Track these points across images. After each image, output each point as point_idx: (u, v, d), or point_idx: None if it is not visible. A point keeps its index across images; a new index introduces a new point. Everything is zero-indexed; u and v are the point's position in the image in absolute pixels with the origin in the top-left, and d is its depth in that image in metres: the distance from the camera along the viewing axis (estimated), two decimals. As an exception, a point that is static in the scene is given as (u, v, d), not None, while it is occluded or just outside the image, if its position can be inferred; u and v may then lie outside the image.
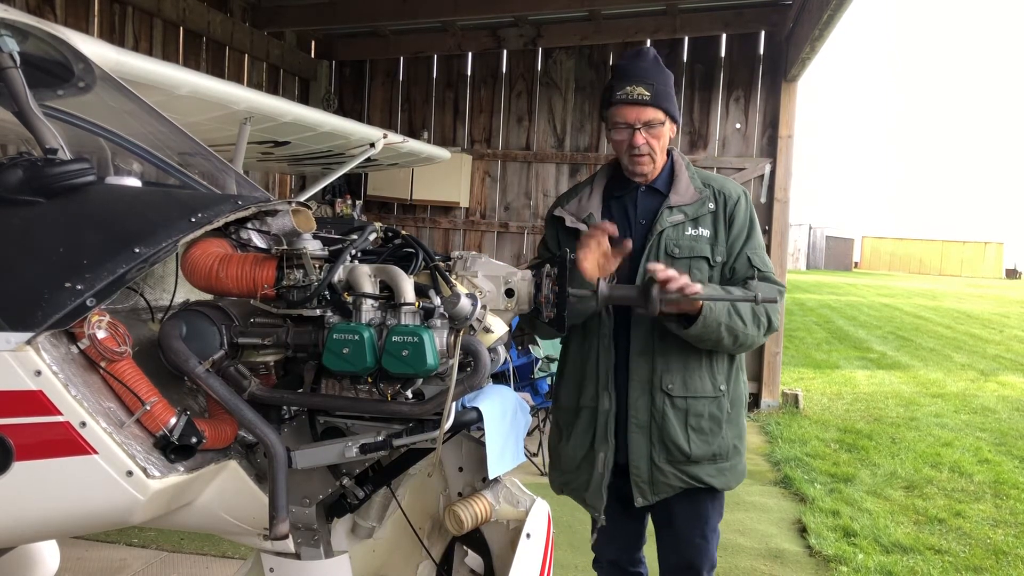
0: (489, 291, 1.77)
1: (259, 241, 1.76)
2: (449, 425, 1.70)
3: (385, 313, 1.63)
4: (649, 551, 2.79)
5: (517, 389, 5.91)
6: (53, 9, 5.63)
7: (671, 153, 2.58)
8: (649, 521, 2.72)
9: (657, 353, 2.43)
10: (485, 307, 1.70)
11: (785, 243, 7.92)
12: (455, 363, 1.60)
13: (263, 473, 1.74)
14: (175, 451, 1.54)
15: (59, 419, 1.45)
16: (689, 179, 2.54)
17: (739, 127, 7.94)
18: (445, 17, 8.09)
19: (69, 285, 1.48)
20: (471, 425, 1.85)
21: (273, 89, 8.21)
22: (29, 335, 1.45)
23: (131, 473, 1.47)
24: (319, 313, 1.64)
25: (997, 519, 5.18)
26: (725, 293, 2.34)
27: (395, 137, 5.70)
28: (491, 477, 1.90)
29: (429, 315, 1.62)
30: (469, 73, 8.68)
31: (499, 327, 1.75)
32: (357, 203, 8.67)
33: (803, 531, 4.85)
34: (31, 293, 1.48)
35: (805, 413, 7.97)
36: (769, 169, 7.78)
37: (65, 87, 2.23)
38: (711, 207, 2.50)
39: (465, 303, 1.62)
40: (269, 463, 1.61)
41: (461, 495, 2.03)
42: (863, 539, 4.66)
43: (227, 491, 1.71)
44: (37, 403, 1.45)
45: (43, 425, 1.45)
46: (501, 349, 1.77)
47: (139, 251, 1.53)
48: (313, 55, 8.90)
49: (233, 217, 1.68)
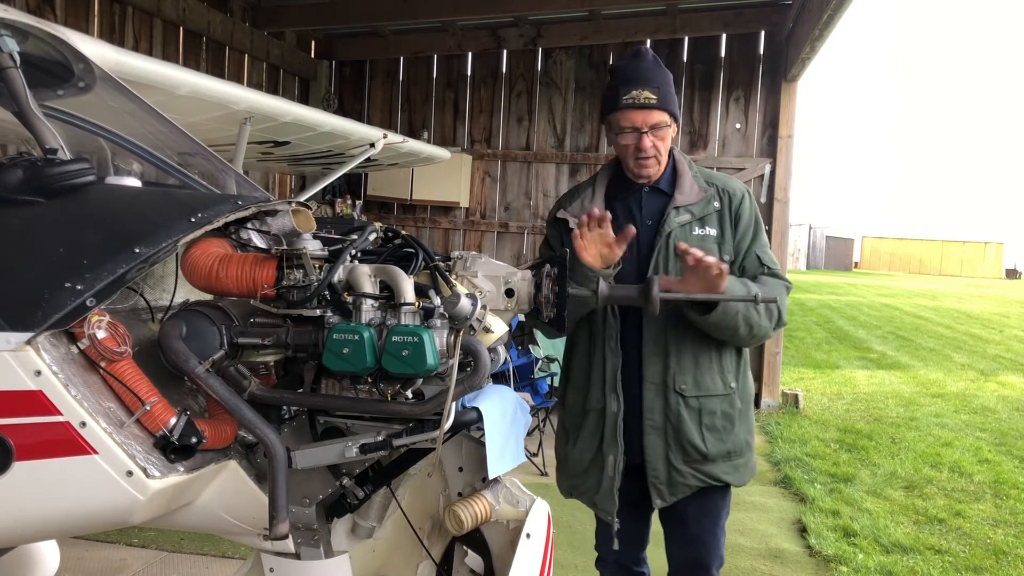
0: (489, 291, 1.77)
1: (259, 241, 1.76)
2: (449, 425, 1.70)
3: (385, 313, 1.63)
4: (651, 551, 2.79)
5: (517, 389, 5.91)
6: (53, 9, 5.63)
7: (672, 152, 2.58)
8: (654, 520, 2.72)
9: (670, 353, 2.42)
10: (485, 307, 1.70)
11: (785, 243, 7.92)
12: (455, 363, 1.60)
13: (263, 473, 1.74)
14: (175, 451, 1.54)
15: (59, 419, 1.45)
16: (693, 178, 2.53)
17: (739, 127, 7.94)
18: (445, 17, 8.09)
19: (69, 285, 1.48)
20: (471, 425, 1.85)
21: (273, 89, 8.21)
22: (29, 335, 1.45)
23: (131, 473, 1.47)
24: (319, 313, 1.64)
25: (997, 519, 5.18)
26: (742, 285, 2.33)
27: (395, 137, 5.70)
28: (491, 477, 1.90)
29: (429, 315, 1.62)
30: (469, 73, 8.68)
31: (499, 327, 1.75)
32: (357, 203, 8.67)
33: (803, 531, 4.85)
34: (31, 293, 1.48)
35: (805, 413, 7.97)
36: (769, 169, 7.78)
37: (65, 87, 2.23)
38: (716, 206, 2.50)
39: (465, 303, 1.62)
40: (269, 463, 1.62)
41: (461, 495, 2.03)
42: (863, 539, 4.66)
43: (227, 491, 1.71)
44: (37, 403, 1.45)
45: (43, 425, 1.45)
46: (501, 349, 1.77)
47: (139, 251, 1.53)
48: (313, 55, 8.90)
49: (233, 217, 1.68)
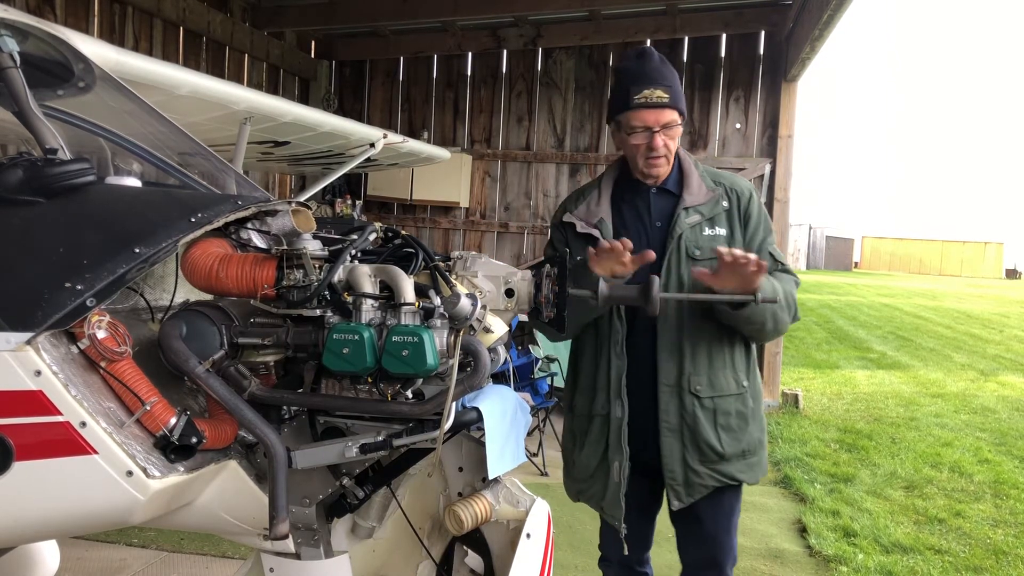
0: (489, 291, 1.77)
1: (259, 241, 1.76)
2: (449, 425, 1.70)
3: (385, 313, 1.63)
4: (654, 550, 2.79)
5: (517, 389, 5.91)
6: (53, 9, 5.63)
7: (678, 152, 2.55)
8: (657, 520, 2.71)
9: (684, 355, 2.41)
10: (485, 307, 1.70)
11: (785, 243, 7.93)
12: (455, 363, 1.60)
13: (263, 473, 1.74)
14: (175, 451, 1.54)
15: (59, 419, 1.45)
16: (700, 177, 2.52)
17: (739, 127, 7.94)
18: (445, 17, 8.09)
19: (69, 285, 1.48)
20: (471, 425, 1.85)
21: (273, 89, 8.22)
22: (29, 335, 1.45)
23: (131, 473, 1.47)
24: (319, 313, 1.64)
25: (997, 519, 5.18)
26: (768, 281, 2.32)
27: (395, 137, 5.70)
28: (491, 477, 1.90)
29: (429, 315, 1.62)
30: (469, 73, 8.68)
31: (499, 327, 1.75)
32: (357, 203, 8.68)
33: (803, 531, 4.85)
34: (31, 293, 1.48)
35: (805, 413, 7.97)
36: (769, 169, 7.78)
37: (65, 87, 2.23)
38: (725, 205, 2.49)
39: (465, 303, 1.62)
40: (269, 463, 1.62)
41: (461, 495, 2.03)
42: (863, 539, 4.66)
43: (227, 491, 1.71)
44: (37, 403, 1.45)
45: (43, 425, 1.45)
46: (501, 349, 1.77)
47: (139, 251, 1.53)
48: (313, 55, 8.90)
49: (233, 217, 1.68)
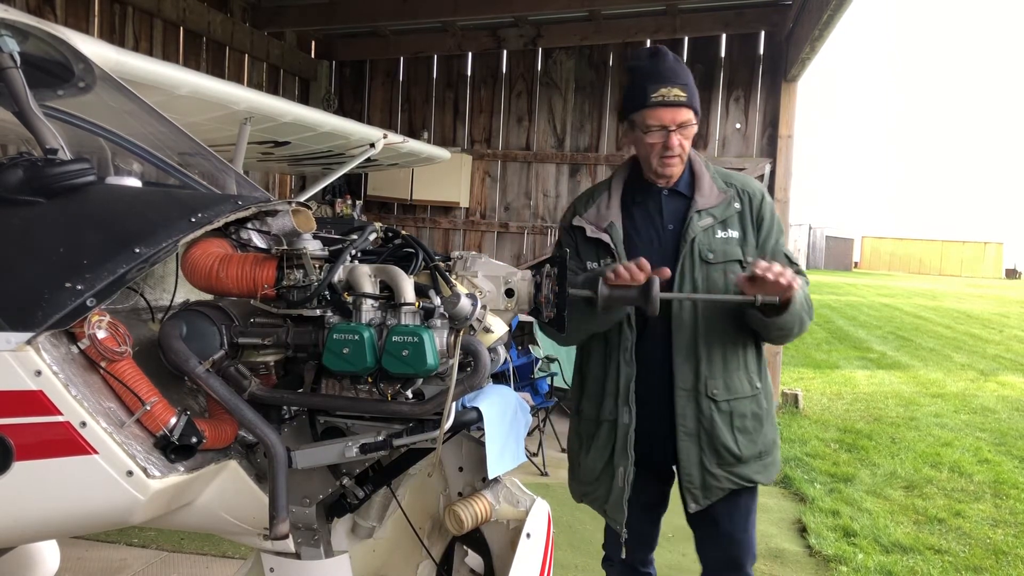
0: (489, 291, 1.77)
1: (259, 241, 1.76)
2: (449, 425, 1.70)
3: (385, 313, 1.63)
4: (658, 551, 2.80)
5: (517, 389, 5.91)
6: (53, 9, 5.63)
7: (689, 152, 2.51)
8: (662, 522, 2.72)
9: (700, 359, 2.41)
10: (485, 307, 1.70)
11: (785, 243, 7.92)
12: (455, 363, 1.60)
13: (263, 473, 1.74)
14: (175, 451, 1.54)
15: (59, 419, 1.45)
16: (711, 179, 2.50)
17: (739, 127, 7.94)
18: (445, 17, 8.09)
19: (69, 285, 1.48)
20: (471, 425, 1.85)
21: (273, 89, 8.21)
22: (29, 335, 1.45)
23: (131, 473, 1.47)
24: (319, 313, 1.64)
25: (997, 519, 5.19)
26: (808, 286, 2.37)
27: (395, 137, 5.70)
28: (491, 477, 1.90)
29: (429, 315, 1.62)
30: (469, 73, 8.68)
31: (499, 327, 1.75)
32: (357, 203, 8.68)
33: (803, 531, 4.85)
34: (31, 293, 1.48)
35: (805, 413, 7.97)
36: (769, 169, 7.77)
37: (65, 87, 2.23)
38: (737, 207, 2.47)
39: (465, 303, 1.62)
40: (269, 463, 1.62)
41: (461, 495, 2.03)
42: (863, 539, 4.67)
43: (227, 491, 1.71)
44: (37, 403, 1.45)
45: (43, 425, 1.45)
46: (501, 349, 1.77)
47: (139, 251, 1.53)
48: (313, 55, 8.90)
49: (233, 217, 1.68)
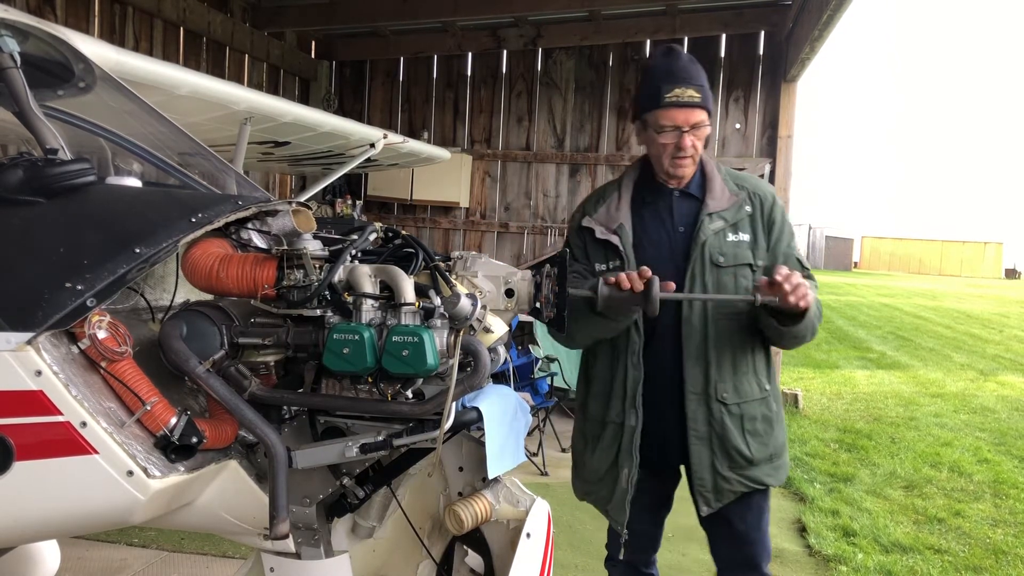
0: (489, 291, 1.77)
1: (259, 241, 1.76)
2: (449, 425, 1.70)
3: (385, 313, 1.63)
4: (662, 552, 2.80)
5: (517, 389, 5.91)
6: (53, 9, 5.63)
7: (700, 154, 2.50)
8: (665, 523, 2.72)
9: (710, 362, 2.40)
10: (485, 307, 1.70)
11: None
12: (455, 363, 1.60)
13: (263, 473, 1.74)
14: (175, 451, 1.54)
15: (60, 419, 1.45)
16: (723, 181, 2.48)
17: (739, 127, 7.94)
18: (445, 17, 8.09)
19: (69, 285, 1.48)
20: (471, 425, 1.85)
21: (273, 89, 8.21)
22: (30, 335, 1.45)
23: (132, 473, 1.47)
24: (319, 313, 1.64)
25: (997, 519, 5.19)
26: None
27: (395, 137, 5.70)
28: (491, 477, 1.90)
29: (429, 315, 1.62)
30: (469, 73, 8.68)
31: (499, 327, 1.75)
32: (357, 203, 8.68)
33: (803, 531, 4.85)
34: (31, 293, 1.48)
35: (805, 413, 7.97)
36: (769, 169, 7.77)
37: (65, 87, 2.23)
38: (748, 210, 2.45)
39: (465, 303, 1.62)
40: (269, 463, 1.62)
41: (461, 495, 2.03)
42: (863, 539, 4.67)
43: (227, 491, 1.71)
44: (38, 403, 1.45)
45: (44, 425, 1.45)
46: (501, 349, 1.77)
47: (139, 251, 1.53)
48: (313, 55, 8.90)
49: (233, 217, 1.68)
